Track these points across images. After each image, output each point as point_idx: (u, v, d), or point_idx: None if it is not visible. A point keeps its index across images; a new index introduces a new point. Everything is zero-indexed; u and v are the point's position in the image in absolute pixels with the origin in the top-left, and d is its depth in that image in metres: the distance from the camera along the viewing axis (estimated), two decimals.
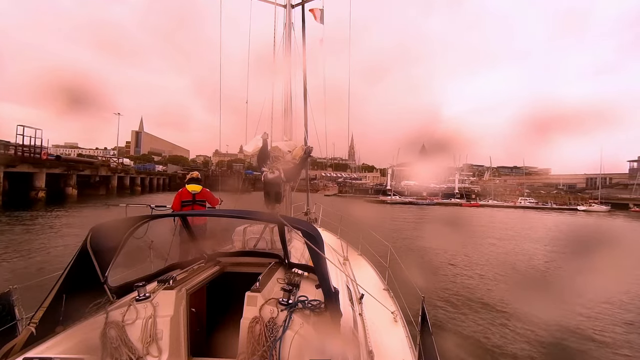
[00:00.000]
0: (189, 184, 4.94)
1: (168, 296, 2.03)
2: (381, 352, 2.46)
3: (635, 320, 6.18)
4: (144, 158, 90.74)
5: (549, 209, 47.25)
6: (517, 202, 51.52)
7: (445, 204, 47.53)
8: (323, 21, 6.45)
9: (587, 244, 13.45)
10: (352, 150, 58.22)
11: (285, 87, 5.70)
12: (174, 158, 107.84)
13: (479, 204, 49.01)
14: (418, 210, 38.10)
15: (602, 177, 60.08)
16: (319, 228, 5.69)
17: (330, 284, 2.01)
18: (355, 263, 5.01)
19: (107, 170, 37.10)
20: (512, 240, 15.73)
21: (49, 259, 8.77)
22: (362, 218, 12.90)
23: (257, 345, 1.72)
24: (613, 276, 7.91)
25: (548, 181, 75.78)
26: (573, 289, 7.45)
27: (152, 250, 3.63)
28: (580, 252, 9.87)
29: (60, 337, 1.76)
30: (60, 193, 28.02)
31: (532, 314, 6.04)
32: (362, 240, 5.80)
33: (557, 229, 22.94)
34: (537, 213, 40.47)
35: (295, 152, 5.08)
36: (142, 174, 48.78)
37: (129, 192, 40.41)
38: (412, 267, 4.89)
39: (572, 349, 5.20)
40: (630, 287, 7.83)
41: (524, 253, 12.62)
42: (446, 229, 15.43)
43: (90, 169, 33.99)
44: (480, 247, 13.34)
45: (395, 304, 3.55)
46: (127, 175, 42.45)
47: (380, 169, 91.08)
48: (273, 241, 3.58)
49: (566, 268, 9.55)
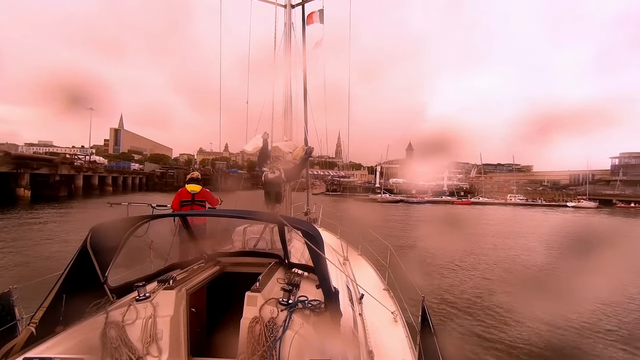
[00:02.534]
0: (189, 184, 4.93)
1: (168, 296, 2.02)
2: (381, 352, 2.46)
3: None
4: (123, 157, 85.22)
5: (540, 205, 47.48)
6: (507, 199, 51.70)
7: (436, 202, 47.22)
8: (323, 21, 6.44)
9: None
10: (339, 148, 57.90)
11: (285, 87, 5.70)
12: (155, 156, 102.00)
13: (470, 202, 48.97)
14: (410, 208, 37.56)
15: (585, 174, 61.17)
16: (319, 228, 5.69)
17: (330, 284, 2.00)
18: (355, 263, 5.01)
19: (69, 168, 33.44)
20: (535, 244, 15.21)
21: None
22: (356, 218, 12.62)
23: (257, 345, 1.72)
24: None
25: (533, 178, 76.94)
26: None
27: (152, 250, 3.63)
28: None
29: (60, 337, 1.76)
30: (10, 195, 25.25)
31: (542, 313, 6.01)
32: (362, 240, 5.80)
33: (571, 230, 22.30)
34: (531, 210, 40.43)
35: (296, 152, 5.08)
36: (114, 173, 45.31)
37: (98, 192, 37.46)
38: (413, 268, 4.89)
39: (573, 349, 5.20)
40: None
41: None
42: (451, 230, 15.18)
43: (48, 167, 30.42)
44: (503, 251, 12.93)
45: (395, 304, 3.55)
46: (95, 174, 39.00)
47: (367, 167, 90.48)
48: (273, 241, 3.57)
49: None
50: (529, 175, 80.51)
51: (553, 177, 75.77)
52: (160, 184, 55.58)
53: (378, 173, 69.45)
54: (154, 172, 59.93)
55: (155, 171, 61.54)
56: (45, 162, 31.30)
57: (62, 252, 10.09)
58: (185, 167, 72.83)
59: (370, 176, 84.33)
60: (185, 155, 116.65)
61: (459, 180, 64.86)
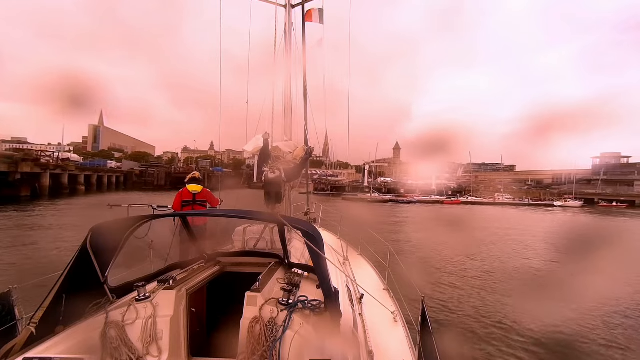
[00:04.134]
0: (190, 184, 4.93)
1: (168, 296, 2.03)
2: (381, 352, 2.46)
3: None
4: (102, 155, 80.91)
5: (527, 205, 47.70)
6: (496, 198, 51.76)
7: (426, 202, 46.79)
8: (323, 21, 6.44)
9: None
10: (327, 147, 57.44)
11: (285, 87, 5.70)
12: (136, 155, 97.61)
13: (460, 201, 48.73)
14: (401, 208, 36.76)
15: (567, 174, 63.60)
16: (319, 228, 5.69)
17: (330, 284, 2.00)
18: (355, 263, 5.01)
19: (32, 166, 30.09)
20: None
21: None
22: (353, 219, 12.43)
23: (257, 345, 1.72)
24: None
25: (517, 177, 78.23)
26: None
27: (152, 250, 3.63)
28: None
29: (60, 337, 1.76)
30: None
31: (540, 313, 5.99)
32: (362, 240, 5.80)
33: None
34: (521, 210, 40.45)
35: (297, 152, 5.08)
36: (87, 171, 41.73)
37: (68, 192, 34.07)
38: (413, 268, 4.89)
39: (575, 350, 5.20)
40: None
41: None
42: (458, 234, 14.85)
43: (6, 164, 27.34)
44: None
45: (395, 304, 3.55)
46: (65, 173, 35.27)
47: (355, 166, 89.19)
48: (273, 241, 3.57)
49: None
50: (513, 174, 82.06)
51: (536, 176, 77.55)
52: (140, 183, 52.88)
53: (366, 172, 68.57)
54: (132, 171, 56.50)
55: (134, 169, 58.03)
56: (3, 159, 27.96)
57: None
58: (166, 166, 70.87)
59: (358, 175, 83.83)
60: (169, 154, 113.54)
61: (446, 180, 64.62)
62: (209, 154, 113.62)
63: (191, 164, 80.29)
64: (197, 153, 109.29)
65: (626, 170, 62.04)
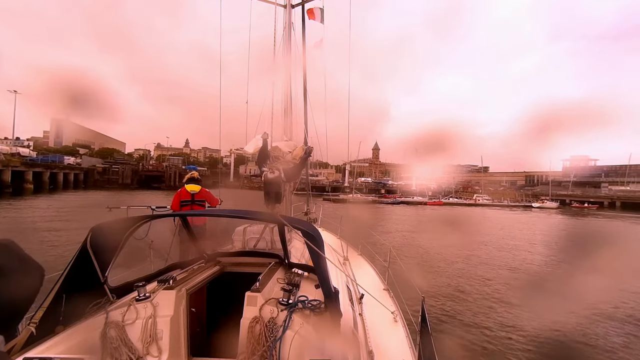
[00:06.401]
0: (188, 184, 4.92)
1: (168, 296, 2.03)
2: (381, 352, 2.46)
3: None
4: (66, 151, 70.42)
5: (507, 206, 48.59)
6: (475, 199, 52.47)
7: (408, 203, 46.52)
8: (323, 21, 6.44)
9: None
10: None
11: (285, 86, 5.70)
12: (103, 151, 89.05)
13: (442, 202, 48.98)
14: (386, 209, 35.69)
15: (538, 175, 67.66)
16: (319, 228, 5.69)
17: (330, 284, 2.00)
18: (355, 263, 5.01)
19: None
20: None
21: None
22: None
23: (257, 345, 1.72)
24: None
25: (493, 179, 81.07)
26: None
27: (152, 250, 3.63)
28: None
29: (60, 337, 1.76)
30: None
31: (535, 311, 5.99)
32: (362, 240, 5.80)
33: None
34: (501, 211, 40.86)
35: (296, 152, 5.07)
36: (37, 168, 36.47)
37: (11, 191, 29.42)
38: (412, 268, 4.89)
39: (575, 350, 5.20)
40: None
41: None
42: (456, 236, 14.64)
43: None
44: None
45: (395, 304, 3.55)
46: (7, 169, 30.47)
47: (335, 166, 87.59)
48: (273, 241, 3.57)
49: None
50: (488, 175, 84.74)
51: (510, 177, 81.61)
52: (102, 181, 49.15)
53: (347, 172, 68.03)
54: (94, 168, 51.54)
55: (96, 166, 52.89)
56: None
57: None
58: (134, 163, 65.06)
59: (338, 175, 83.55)
60: (140, 151, 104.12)
61: (427, 180, 64.55)
62: (184, 151, 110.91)
63: (163, 161, 75.73)
64: (171, 150, 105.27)
65: (594, 173, 67.00)
